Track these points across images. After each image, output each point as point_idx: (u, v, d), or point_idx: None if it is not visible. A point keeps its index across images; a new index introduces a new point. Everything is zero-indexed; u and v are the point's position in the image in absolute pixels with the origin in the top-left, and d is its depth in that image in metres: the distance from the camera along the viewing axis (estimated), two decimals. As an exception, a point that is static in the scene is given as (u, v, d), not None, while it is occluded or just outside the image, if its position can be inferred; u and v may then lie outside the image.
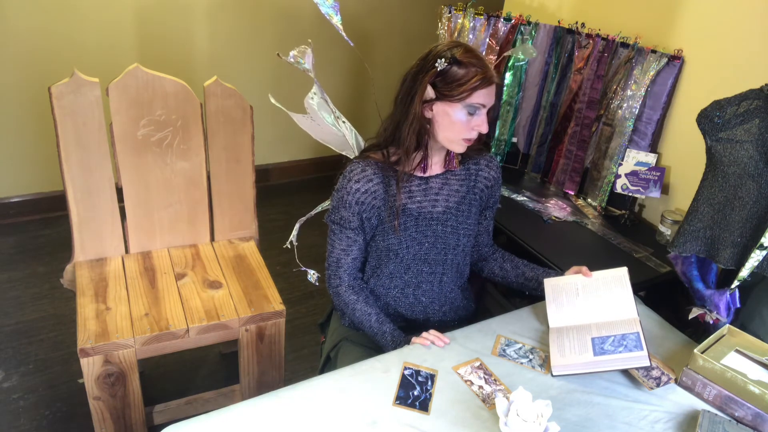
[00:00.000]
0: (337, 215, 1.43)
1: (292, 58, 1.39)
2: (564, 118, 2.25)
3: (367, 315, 1.46)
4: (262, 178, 2.82)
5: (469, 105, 1.31)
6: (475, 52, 1.33)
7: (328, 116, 1.53)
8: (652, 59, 1.95)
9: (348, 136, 1.55)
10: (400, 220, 1.41)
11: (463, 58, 1.30)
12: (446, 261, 1.49)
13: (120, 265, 1.83)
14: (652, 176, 1.96)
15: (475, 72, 1.29)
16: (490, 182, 1.50)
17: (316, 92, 1.49)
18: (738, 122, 1.39)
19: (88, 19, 2.74)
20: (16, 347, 2.20)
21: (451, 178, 1.46)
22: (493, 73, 1.32)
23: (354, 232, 1.44)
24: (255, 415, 1.14)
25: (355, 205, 1.39)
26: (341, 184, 1.41)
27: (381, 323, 1.45)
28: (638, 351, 1.25)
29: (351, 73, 3.56)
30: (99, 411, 1.62)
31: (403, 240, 1.43)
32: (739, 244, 1.41)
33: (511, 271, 1.58)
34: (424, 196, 1.43)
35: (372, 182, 1.39)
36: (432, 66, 1.31)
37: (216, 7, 3.01)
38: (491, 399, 1.21)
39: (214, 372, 2.19)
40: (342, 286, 1.49)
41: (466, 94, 1.30)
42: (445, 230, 1.45)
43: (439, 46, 1.34)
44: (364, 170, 1.39)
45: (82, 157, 1.71)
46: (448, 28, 2.34)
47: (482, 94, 1.31)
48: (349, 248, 1.46)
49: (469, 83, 1.29)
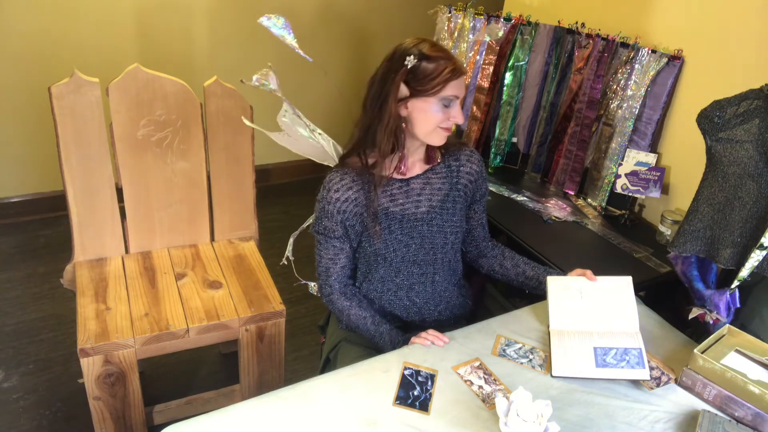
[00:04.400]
0: (321, 225, 1.43)
1: (256, 81, 1.40)
2: (564, 118, 2.25)
3: (362, 319, 1.46)
4: (262, 178, 2.81)
5: (443, 97, 1.32)
6: (439, 46, 1.34)
7: (303, 130, 1.54)
8: (652, 59, 1.95)
9: (326, 147, 1.55)
10: (385, 224, 1.41)
11: (431, 52, 1.31)
12: (436, 260, 1.49)
13: (120, 265, 1.83)
14: (652, 176, 1.96)
15: (444, 65, 1.30)
16: (473, 176, 1.49)
17: (288, 109, 1.51)
18: (738, 122, 1.39)
19: (88, 19, 2.74)
20: (16, 347, 2.20)
21: (432, 177, 1.46)
22: (461, 63, 1.34)
23: (339, 241, 1.44)
24: (255, 415, 1.14)
25: (336, 214, 1.40)
26: (322, 194, 1.42)
27: (377, 325, 1.45)
28: (640, 368, 1.27)
29: (351, 74, 3.56)
30: (99, 411, 1.62)
31: (390, 244, 1.43)
32: (739, 244, 1.41)
33: (511, 269, 1.57)
34: (406, 198, 1.43)
35: (352, 190, 1.39)
36: (401, 64, 1.31)
37: (216, 7, 3.01)
38: (491, 399, 1.21)
39: (214, 372, 2.19)
40: (334, 294, 1.49)
41: (440, 86, 1.31)
42: (431, 230, 1.45)
43: (403, 44, 1.35)
44: (343, 179, 1.39)
45: (82, 157, 1.71)
46: (448, 28, 2.34)
47: (454, 86, 1.32)
48: (336, 257, 1.46)
49: (440, 76, 1.30)
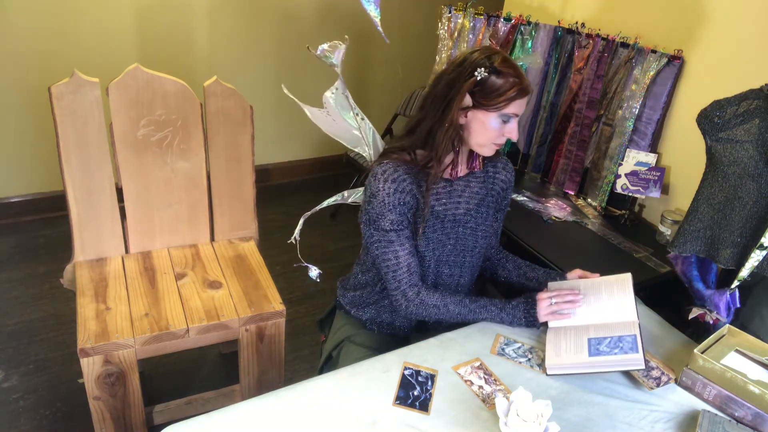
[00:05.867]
0: (387, 221, 1.36)
1: (321, 52, 1.38)
2: (564, 118, 2.25)
3: (459, 303, 1.40)
4: (262, 178, 2.82)
5: (504, 114, 1.31)
6: (511, 62, 1.31)
7: (346, 113, 1.51)
8: (652, 59, 1.95)
9: (366, 134, 1.54)
10: (429, 223, 1.40)
11: (502, 67, 1.29)
12: (464, 263, 1.49)
13: (120, 265, 1.83)
14: (652, 176, 1.96)
15: (512, 83, 1.29)
16: (505, 185, 1.51)
17: (338, 87, 1.46)
18: (738, 122, 1.39)
19: (88, 19, 2.74)
20: (16, 347, 2.20)
21: (471, 180, 1.46)
22: (528, 83, 1.32)
23: (409, 231, 1.39)
24: (255, 415, 1.14)
25: (399, 205, 1.35)
26: (376, 187, 1.35)
27: (476, 301, 1.41)
28: (633, 353, 1.24)
29: (351, 75, 3.56)
30: (99, 411, 1.62)
31: (430, 242, 1.42)
32: (739, 244, 1.41)
33: (513, 271, 1.59)
34: (449, 198, 1.43)
35: (406, 182, 1.36)
36: (471, 74, 1.29)
37: (216, 6, 3.01)
38: (491, 399, 1.21)
39: (214, 372, 2.19)
40: (422, 292, 1.40)
41: (504, 104, 1.30)
42: (465, 232, 1.45)
43: (475, 54, 1.32)
44: (396, 170, 1.35)
45: (82, 157, 1.71)
46: (448, 28, 2.34)
47: (517, 104, 1.31)
48: (412, 249, 1.39)
49: (506, 94, 1.29)
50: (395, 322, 1.54)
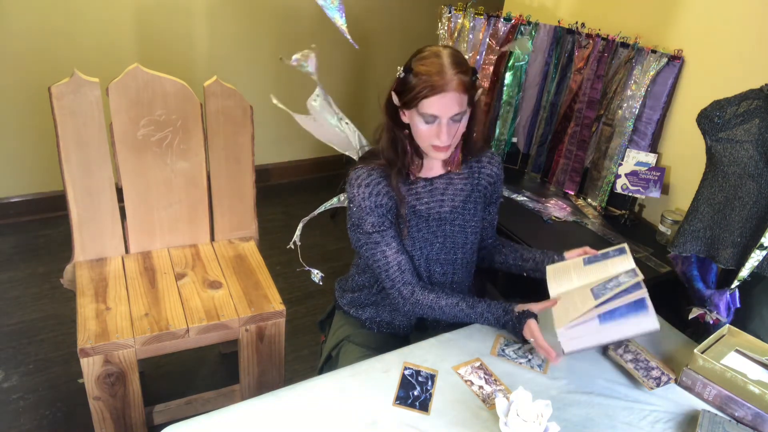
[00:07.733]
0: (368, 225, 1.37)
1: (295, 62, 1.39)
2: (564, 118, 2.25)
3: (455, 306, 1.39)
4: (262, 178, 2.82)
5: (423, 114, 1.28)
6: (432, 59, 1.26)
7: (330, 118, 1.53)
8: (652, 59, 1.95)
9: (351, 137, 1.55)
10: (413, 222, 1.41)
11: (417, 65, 1.28)
12: (456, 260, 1.49)
13: (120, 265, 1.83)
14: (652, 176, 1.96)
15: (424, 81, 1.25)
16: (492, 179, 1.50)
17: (319, 94, 1.49)
18: (738, 122, 1.39)
19: (88, 19, 2.74)
20: (16, 347, 2.20)
21: (454, 178, 1.46)
22: (446, 81, 1.24)
23: (393, 230, 1.39)
24: (255, 415, 1.14)
25: (376, 207, 1.36)
26: (352, 193, 1.37)
27: (472, 307, 1.39)
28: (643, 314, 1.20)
29: (351, 75, 3.56)
30: (99, 411, 1.62)
31: (416, 242, 1.42)
32: (739, 244, 1.41)
33: (509, 254, 1.57)
34: (430, 197, 1.43)
35: (380, 185, 1.36)
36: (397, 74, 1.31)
37: (216, 7, 3.01)
38: (491, 399, 1.21)
39: (214, 372, 2.19)
40: (416, 291, 1.40)
41: (415, 102, 1.27)
42: (453, 229, 1.45)
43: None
44: (370, 174, 1.37)
45: (82, 157, 1.71)
46: (448, 28, 2.34)
47: (434, 104, 1.26)
48: (399, 247, 1.39)
49: (414, 92, 1.26)
50: (395, 321, 1.54)
